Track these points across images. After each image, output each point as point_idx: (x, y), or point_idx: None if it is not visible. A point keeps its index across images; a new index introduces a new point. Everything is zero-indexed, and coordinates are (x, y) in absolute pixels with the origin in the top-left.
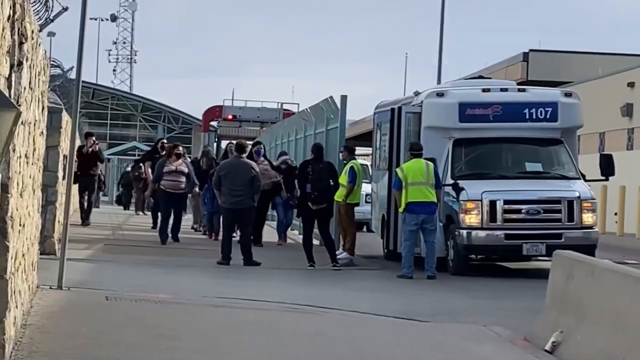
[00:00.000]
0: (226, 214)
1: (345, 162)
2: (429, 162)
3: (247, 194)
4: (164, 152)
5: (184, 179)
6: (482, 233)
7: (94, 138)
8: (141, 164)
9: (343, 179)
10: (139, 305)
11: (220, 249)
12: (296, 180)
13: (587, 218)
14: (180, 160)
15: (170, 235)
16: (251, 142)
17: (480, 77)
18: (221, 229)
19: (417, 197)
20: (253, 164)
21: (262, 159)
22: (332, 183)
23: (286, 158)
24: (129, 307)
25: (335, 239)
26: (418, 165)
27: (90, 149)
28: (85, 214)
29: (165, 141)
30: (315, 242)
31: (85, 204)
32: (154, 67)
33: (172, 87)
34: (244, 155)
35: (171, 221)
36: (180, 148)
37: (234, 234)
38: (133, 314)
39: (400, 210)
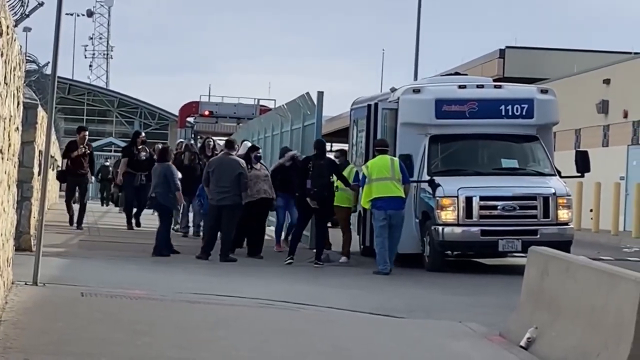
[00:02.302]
0: (212, 211)
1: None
2: (394, 158)
3: (233, 190)
4: (141, 147)
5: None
6: (458, 229)
7: (87, 133)
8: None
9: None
10: (115, 301)
11: (203, 244)
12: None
13: (563, 214)
14: None
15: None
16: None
17: (457, 73)
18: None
19: (382, 192)
20: (241, 161)
21: (261, 164)
22: (332, 180)
23: (293, 153)
24: (105, 303)
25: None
26: (382, 161)
27: (83, 151)
28: (78, 218)
29: (143, 135)
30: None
31: (78, 205)
32: (131, 63)
33: (148, 83)
34: (233, 152)
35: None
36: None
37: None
38: (109, 310)
39: (366, 206)
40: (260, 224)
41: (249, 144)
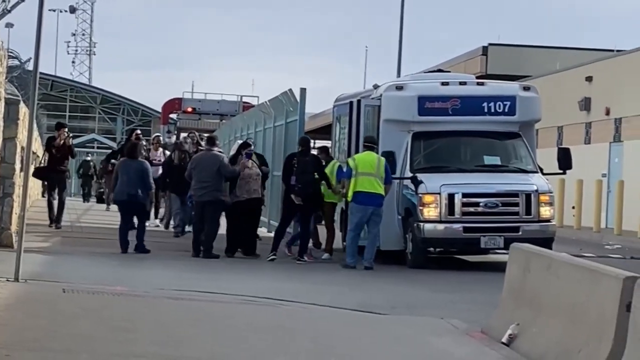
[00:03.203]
0: (196, 208)
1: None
2: (381, 157)
3: (214, 186)
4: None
5: None
6: (440, 226)
7: (66, 129)
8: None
9: (332, 178)
10: (96, 298)
11: (192, 243)
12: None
13: (545, 211)
14: None
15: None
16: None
17: (440, 70)
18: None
19: (365, 187)
20: (222, 155)
21: (252, 162)
22: (316, 176)
23: None
24: (86, 299)
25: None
26: (369, 157)
27: (63, 142)
28: (57, 215)
29: (139, 132)
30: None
31: (56, 202)
32: (113, 59)
33: (131, 80)
34: (215, 149)
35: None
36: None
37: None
38: (90, 306)
39: (348, 198)
40: (251, 225)
41: (240, 142)
